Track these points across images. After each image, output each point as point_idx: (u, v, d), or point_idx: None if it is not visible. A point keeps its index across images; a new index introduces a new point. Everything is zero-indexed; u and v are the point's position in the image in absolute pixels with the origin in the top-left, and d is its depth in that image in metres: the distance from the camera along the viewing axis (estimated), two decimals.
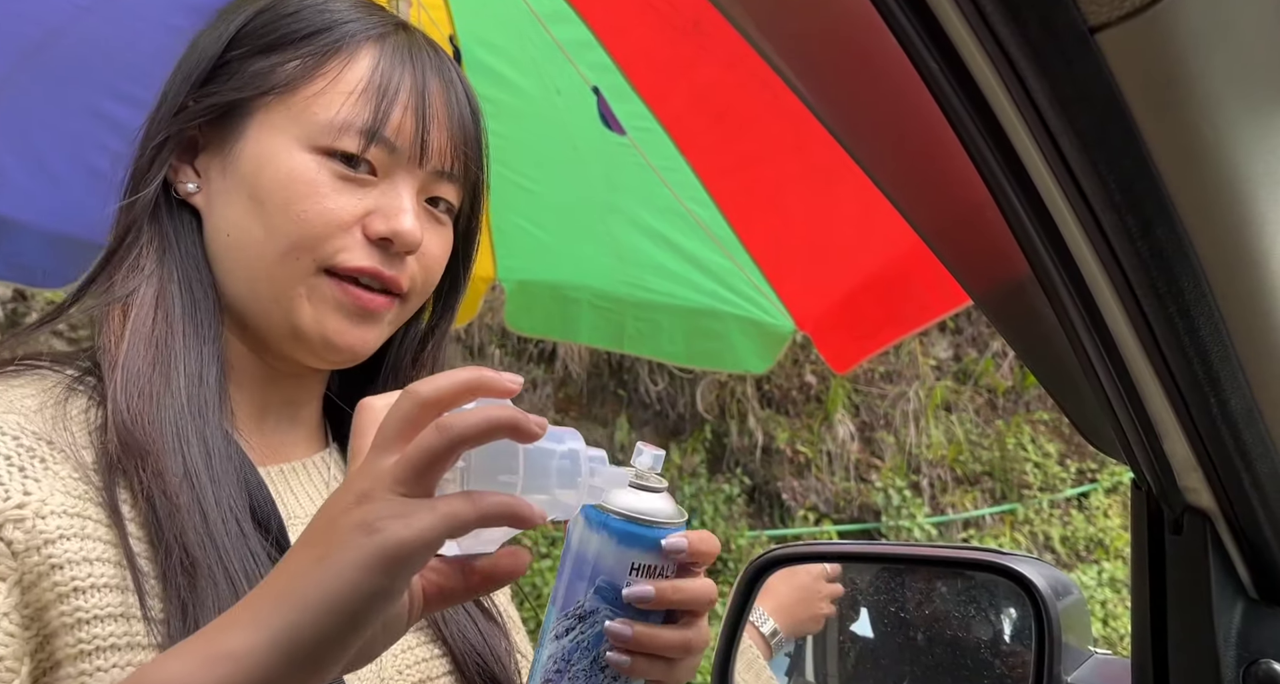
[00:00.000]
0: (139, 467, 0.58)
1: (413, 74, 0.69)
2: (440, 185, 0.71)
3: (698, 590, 0.58)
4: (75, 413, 0.61)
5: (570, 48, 2.09)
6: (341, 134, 0.66)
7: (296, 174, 0.65)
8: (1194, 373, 0.48)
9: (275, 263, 0.66)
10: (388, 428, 0.48)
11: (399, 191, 0.68)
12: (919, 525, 4.95)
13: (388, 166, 0.68)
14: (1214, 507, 0.55)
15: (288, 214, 0.65)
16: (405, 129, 0.67)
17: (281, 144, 0.66)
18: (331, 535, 0.46)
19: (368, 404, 0.59)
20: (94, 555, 0.55)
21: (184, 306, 0.66)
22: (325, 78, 0.67)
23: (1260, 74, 0.40)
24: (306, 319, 0.67)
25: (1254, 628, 0.56)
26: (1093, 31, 0.37)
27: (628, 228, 2.44)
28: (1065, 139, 0.41)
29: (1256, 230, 0.43)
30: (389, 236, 0.67)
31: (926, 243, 0.61)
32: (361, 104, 0.66)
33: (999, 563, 0.76)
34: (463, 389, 0.49)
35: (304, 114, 0.66)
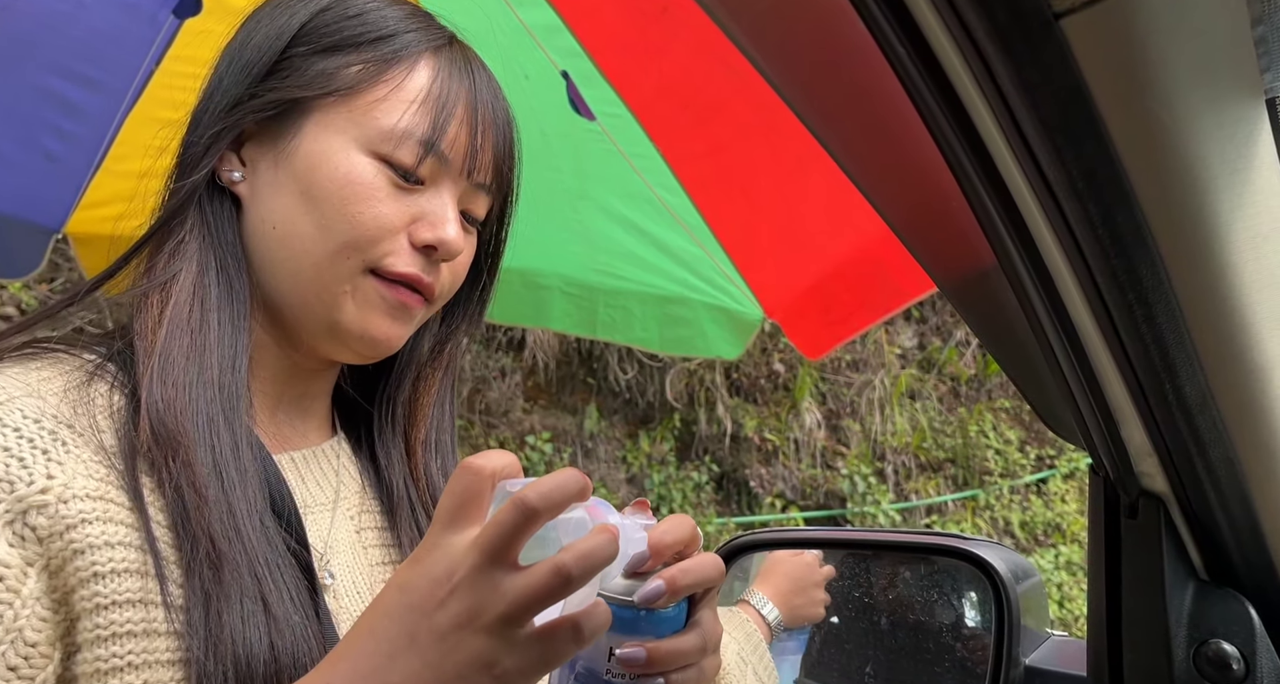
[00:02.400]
0: (169, 457, 0.58)
1: (469, 89, 0.70)
2: (477, 197, 0.73)
3: (700, 571, 0.54)
4: (97, 398, 0.61)
5: (538, 32, 2.07)
6: (401, 142, 0.67)
7: (355, 176, 0.66)
8: (1151, 359, 0.49)
9: (324, 260, 0.66)
10: (498, 540, 0.47)
11: (444, 200, 0.69)
12: (883, 511, 5.03)
13: (436, 175, 0.69)
14: (1168, 491, 0.56)
15: (342, 214, 0.65)
16: (459, 142, 0.69)
17: (340, 144, 0.67)
18: (445, 659, 0.47)
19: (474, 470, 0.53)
20: (116, 539, 0.55)
21: (220, 296, 0.66)
22: (388, 85, 0.68)
23: (1219, 64, 0.41)
24: (350, 316, 0.67)
25: (1204, 609, 0.58)
26: (1057, 17, 0.37)
27: (598, 214, 2.43)
28: (1029, 125, 0.41)
29: (1213, 219, 0.44)
30: (434, 244, 0.68)
31: (894, 231, 0.62)
32: (421, 114, 0.68)
33: (961, 548, 0.77)
34: (567, 499, 0.49)
35: (365, 118, 0.67)
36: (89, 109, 1.78)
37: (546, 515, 0.47)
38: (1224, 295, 0.46)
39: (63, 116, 1.77)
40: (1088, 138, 0.41)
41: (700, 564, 0.55)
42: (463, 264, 0.73)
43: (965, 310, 0.69)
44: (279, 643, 0.56)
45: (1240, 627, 0.56)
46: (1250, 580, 0.58)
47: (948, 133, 0.45)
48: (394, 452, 0.77)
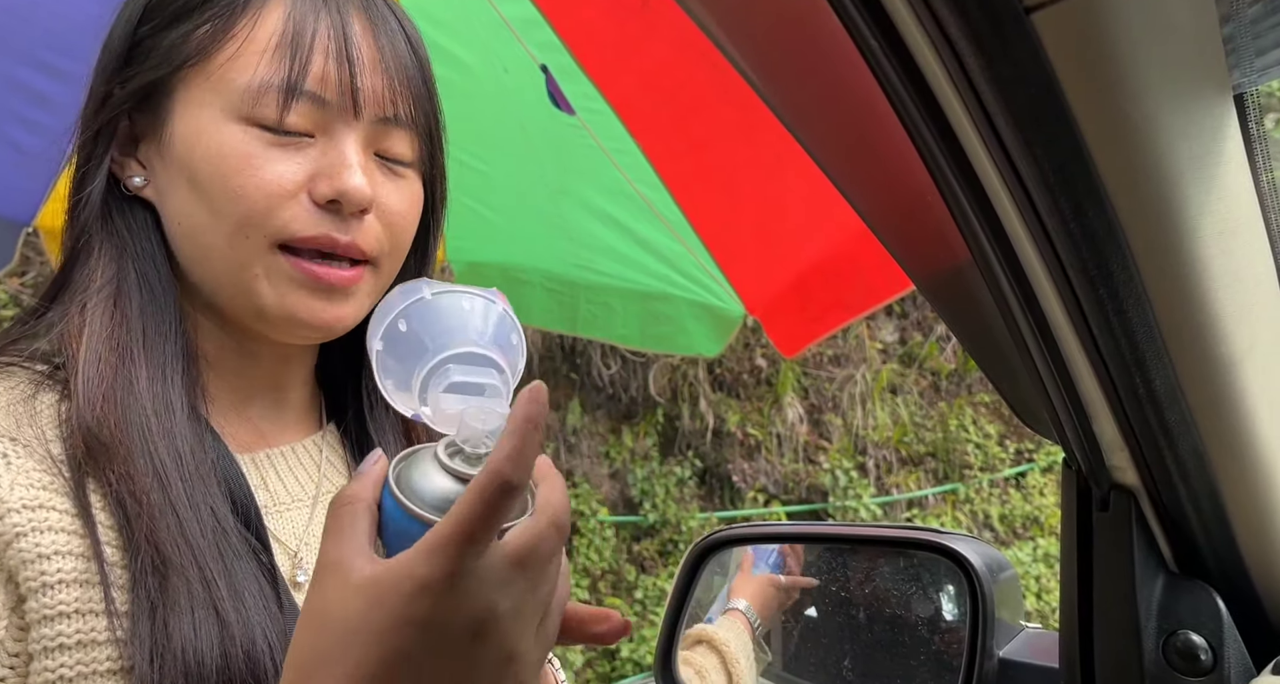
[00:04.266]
0: (106, 469, 0.56)
1: (330, 17, 0.63)
2: (389, 135, 0.65)
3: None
4: (44, 408, 0.59)
5: (517, 25, 2.05)
6: (261, 96, 0.60)
7: (227, 148, 0.60)
8: (1121, 353, 0.49)
9: (226, 245, 0.61)
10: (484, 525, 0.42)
11: (340, 148, 0.62)
12: (865, 505, 5.06)
13: (323, 123, 0.62)
14: (1138, 484, 0.57)
15: (226, 191, 0.60)
16: (330, 78, 0.62)
17: (207, 118, 0.61)
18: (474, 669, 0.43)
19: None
20: (59, 549, 0.53)
21: (142, 305, 0.63)
22: (237, 39, 0.61)
23: (1188, 61, 0.41)
24: (269, 300, 0.62)
25: (1173, 600, 0.58)
26: (1028, 11, 0.37)
27: (579, 210, 2.42)
28: (1001, 119, 0.41)
29: (1182, 214, 0.44)
30: (335, 197, 0.61)
31: (870, 227, 0.62)
32: (277, 60, 0.61)
33: (937, 542, 0.78)
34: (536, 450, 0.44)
35: (222, 82, 0.61)
36: (59, 100, 1.75)
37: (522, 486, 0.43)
38: (1192, 289, 0.47)
39: (32, 107, 1.73)
40: (1059, 133, 0.41)
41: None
42: (397, 212, 0.66)
43: (940, 306, 0.69)
44: (232, 651, 0.54)
45: (1208, 618, 0.57)
46: (1219, 572, 0.58)
47: (922, 127, 0.45)
48: (389, 432, 0.74)
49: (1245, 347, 0.50)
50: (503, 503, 0.42)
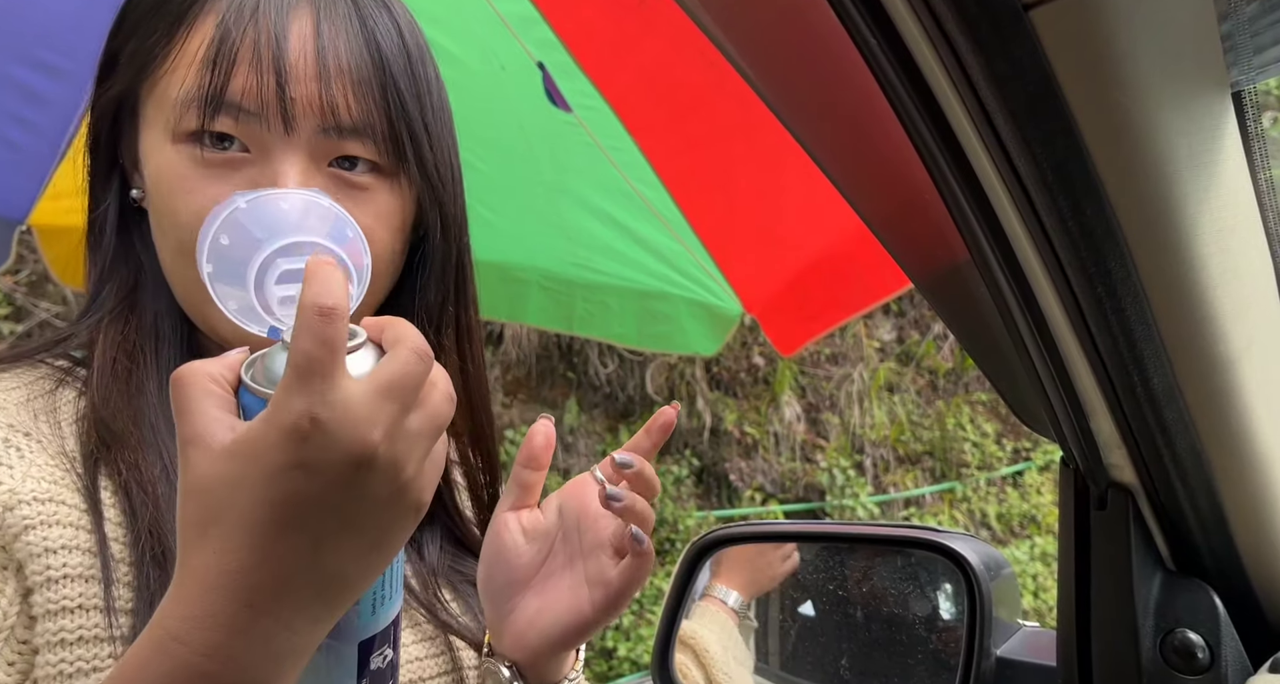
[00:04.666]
0: (117, 458, 0.57)
1: (257, 23, 0.57)
2: (341, 145, 0.59)
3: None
4: (64, 403, 0.60)
5: (515, 23, 2.05)
6: (185, 112, 0.57)
7: (164, 169, 0.58)
8: (1119, 352, 0.49)
9: (175, 270, 0.60)
10: (328, 357, 0.41)
11: (275, 166, 0.58)
12: (862, 504, 5.07)
13: (257, 139, 0.58)
14: (1136, 482, 0.57)
15: (167, 215, 0.59)
16: (252, 89, 0.57)
17: (154, 138, 0.59)
18: (376, 516, 0.43)
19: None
20: (65, 543, 0.54)
21: (154, 313, 0.64)
22: (174, 50, 0.58)
23: (1186, 58, 0.41)
24: (224, 327, 0.59)
25: (1171, 599, 0.58)
26: (1026, 8, 0.37)
27: (576, 208, 2.42)
28: (1000, 117, 0.41)
29: (1180, 212, 0.44)
30: None
31: (868, 226, 0.62)
32: (201, 72, 0.57)
33: (935, 541, 0.78)
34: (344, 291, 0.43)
35: (162, 98, 0.59)
36: (51, 97, 1.75)
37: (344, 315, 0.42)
38: (1191, 288, 0.47)
39: (24, 105, 1.73)
40: (1057, 130, 0.41)
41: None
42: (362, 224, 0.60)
43: (938, 304, 0.69)
44: None
45: (1206, 616, 0.57)
46: (1216, 570, 0.58)
47: (920, 125, 0.45)
48: None
49: (1243, 345, 0.50)
50: (327, 329, 0.41)
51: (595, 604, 0.61)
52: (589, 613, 0.61)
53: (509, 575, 0.63)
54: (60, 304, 3.93)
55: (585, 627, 0.61)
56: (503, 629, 0.63)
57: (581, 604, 0.61)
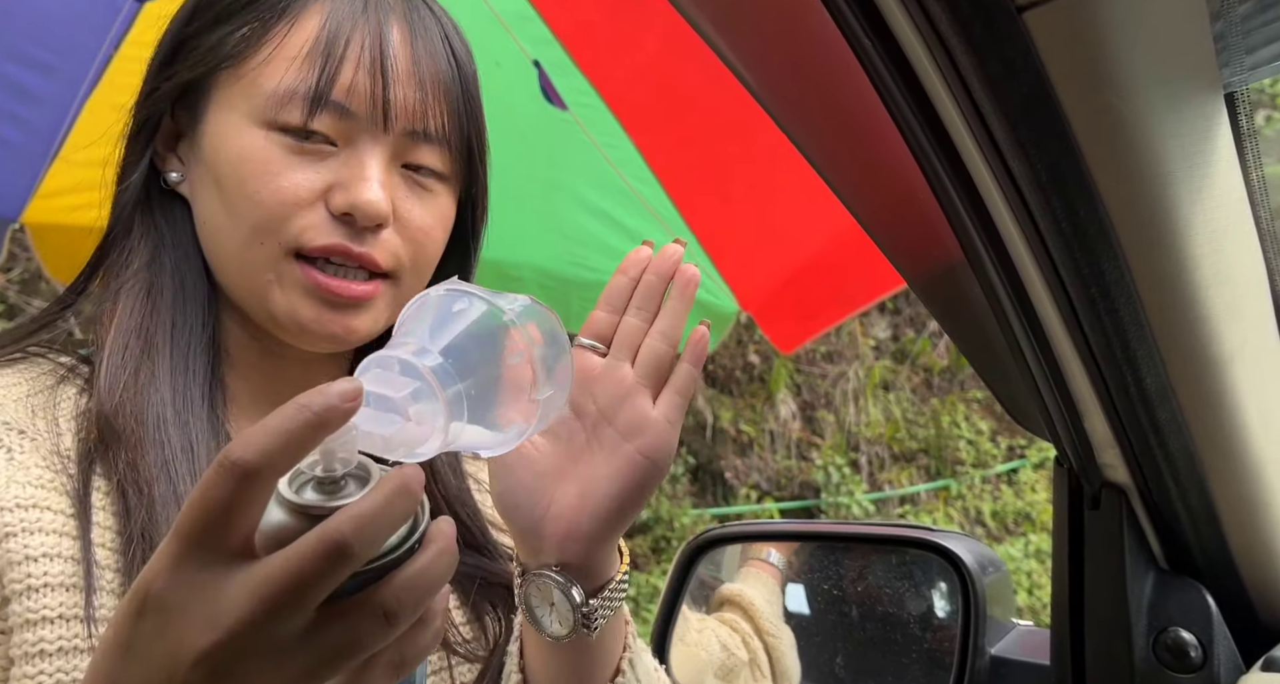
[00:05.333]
0: (116, 456, 0.56)
1: (366, 25, 0.61)
2: (419, 149, 0.63)
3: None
4: (63, 400, 0.60)
5: (510, 20, 2.04)
6: (286, 103, 0.60)
7: (247, 153, 0.60)
8: (1113, 352, 0.49)
9: (242, 249, 0.61)
10: (209, 523, 0.34)
11: (361, 160, 0.61)
12: (857, 502, 5.08)
13: (347, 133, 0.61)
14: (1129, 482, 0.57)
15: (244, 195, 0.60)
16: (359, 89, 0.60)
17: (234, 122, 0.61)
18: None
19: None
20: (47, 551, 0.52)
21: (173, 297, 0.63)
22: (271, 43, 0.61)
23: (1179, 59, 0.41)
24: (280, 306, 0.61)
25: (1164, 598, 0.59)
26: (1020, 10, 0.37)
27: (572, 205, 2.41)
28: (994, 118, 0.41)
29: (1174, 213, 0.44)
30: (349, 209, 0.60)
31: (862, 226, 0.62)
32: (306, 68, 0.60)
33: (929, 540, 0.78)
34: (300, 445, 0.36)
35: (252, 86, 0.61)
36: (45, 95, 1.74)
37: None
38: (1184, 288, 0.47)
39: (18, 103, 1.72)
40: (1051, 131, 0.41)
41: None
42: (420, 227, 0.64)
43: (933, 304, 0.69)
44: None
45: (1198, 615, 0.57)
46: (1208, 569, 0.59)
47: (914, 126, 0.45)
48: None
49: (1236, 345, 0.50)
50: (221, 489, 0.34)
51: (646, 450, 0.56)
52: (641, 463, 0.56)
53: (533, 472, 0.57)
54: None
55: (643, 483, 0.56)
56: (543, 531, 0.57)
57: (627, 462, 0.56)
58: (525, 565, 0.59)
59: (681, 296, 0.62)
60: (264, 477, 0.35)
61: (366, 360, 0.44)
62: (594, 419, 0.59)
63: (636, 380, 0.59)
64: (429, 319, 0.46)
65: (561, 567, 0.57)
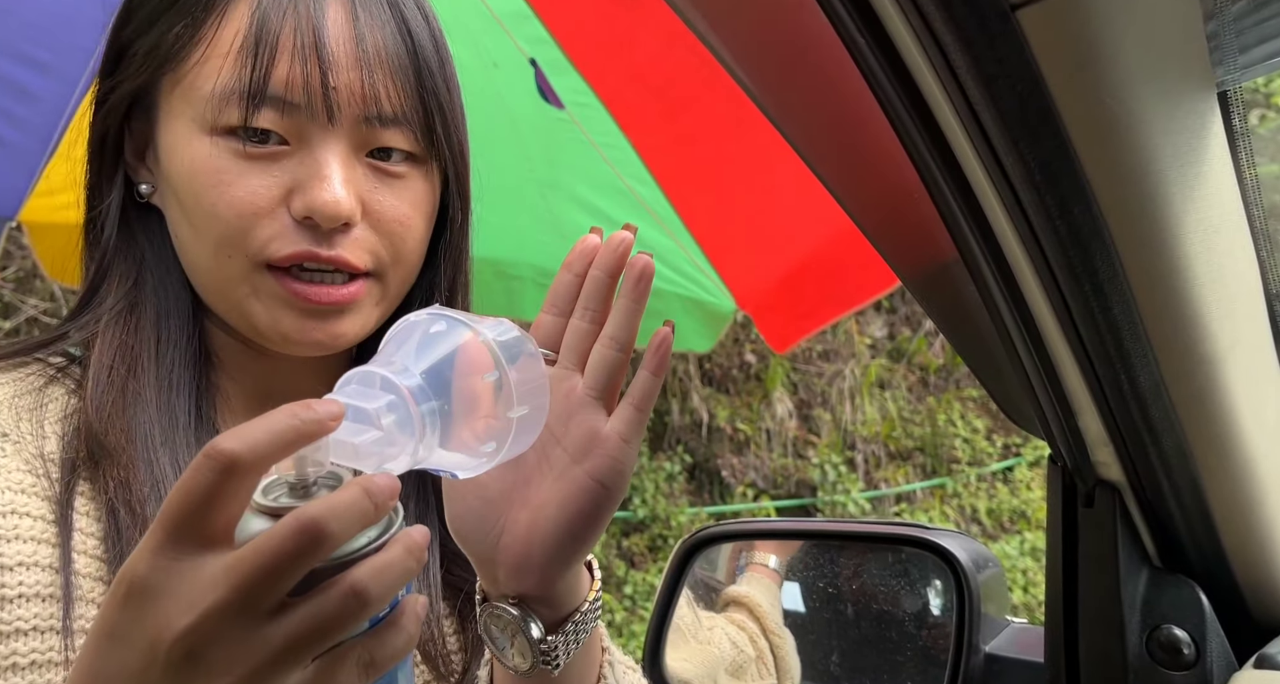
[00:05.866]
0: (106, 474, 0.54)
1: (296, 10, 0.56)
2: (379, 134, 0.58)
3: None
4: (51, 401, 0.58)
5: (506, 19, 2.04)
6: (225, 105, 0.55)
7: (198, 164, 0.56)
8: (1106, 350, 0.49)
9: (211, 264, 0.58)
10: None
11: (316, 157, 0.57)
12: (853, 500, 5.09)
13: (298, 130, 0.57)
14: (1123, 479, 0.57)
15: (201, 210, 0.57)
16: (296, 80, 0.56)
17: (180, 131, 0.58)
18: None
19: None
20: (24, 559, 0.51)
21: (156, 314, 0.61)
22: (204, 42, 0.57)
23: (1172, 57, 0.41)
24: (261, 319, 0.58)
25: (1157, 595, 0.59)
26: (1014, 8, 0.37)
27: (569, 204, 2.41)
28: (987, 116, 0.41)
29: (1166, 211, 0.45)
30: (308, 213, 0.56)
31: (857, 225, 0.62)
32: (239, 63, 0.55)
33: (924, 538, 0.78)
34: (283, 447, 0.37)
35: (191, 90, 0.57)
36: (41, 93, 1.73)
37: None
38: (1177, 286, 0.47)
39: (13, 101, 1.71)
40: (1045, 130, 0.41)
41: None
42: (394, 218, 0.59)
43: (927, 303, 0.69)
44: None
45: (1191, 612, 0.58)
46: (1201, 567, 0.59)
47: (909, 125, 0.45)
48: None
49: (1228, 343, 0.50)
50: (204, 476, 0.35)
51: (596, 473, 0.51)
52: (591, 488, 0.51)
53: (482, 497, 0.53)
54: (48, 300, 3.90)
55: (594, 511, 0.51)
56: (496, 561, 0.53)
57: (576, 487, 0.51)
58: (485, 593, 0.56)
59: (633, 294, 0.53)
60: (246, 469, 0.36)
61: (348, 375, 0.44)
62: (543, 438, 0.52)
63: (586, 393, 0.53)
64: (410, 341, 0.47)
65: (519, 598, 0.53)
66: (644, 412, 0.53)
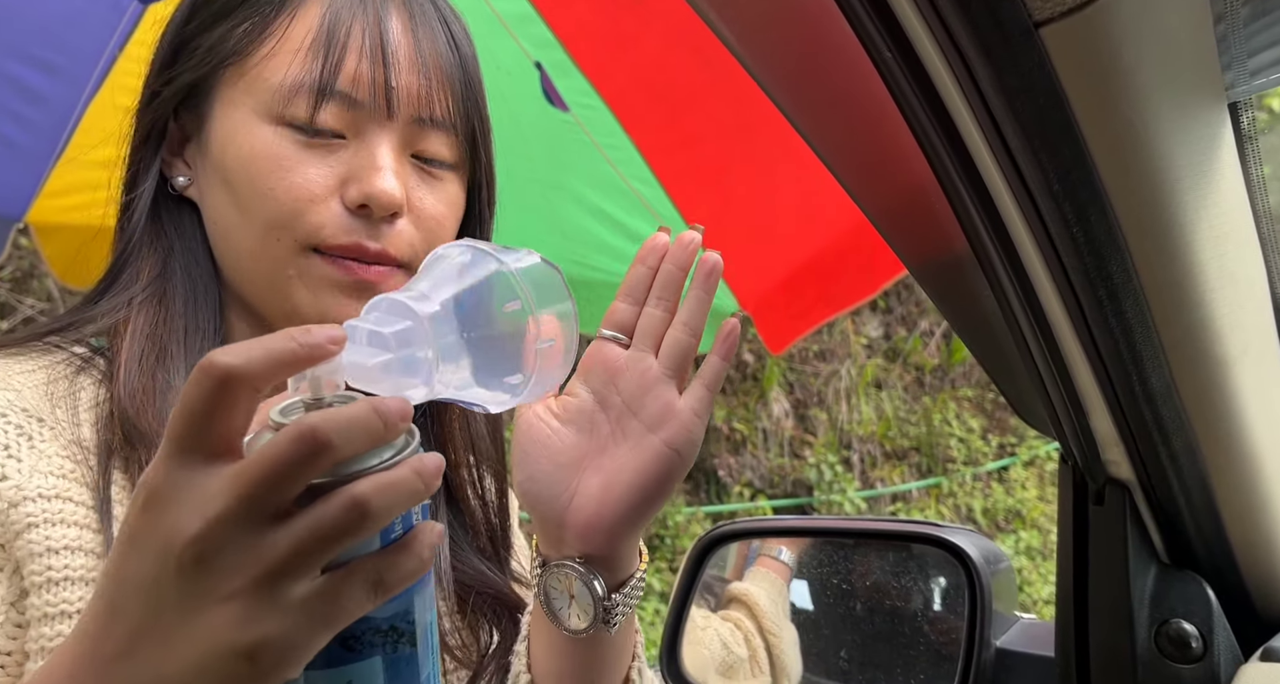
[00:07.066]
0: (142, 457, 0.56)
1: (366, 14, 0.61)
2: (427, 136, 0.63)
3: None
4: (81, 391, 0.59)
5: (511, 21, 2.05)
6: (293, 96, 0.59)
7: (258, 149, 0.60)
8: (1119, 352, 0.51)
9: (257, 247, 0.61)
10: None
11: (372, 150, 0.60)
12: (849, 499, 5.10)
13: (356, 124, 0.61)
14: (1133, 478, 0.59)
15: (255, 193, 0.60)
16: (363, 78, 0.60)
17: (241, 119, 0.61)
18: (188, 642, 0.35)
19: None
20: (69, 543, 0.52)
21: (184, 304, 0.63)
22: (274, 37, 0.60)
23: (1187, 72, 0.43)
24: (304, 302, 0.61)
25: (1165, 590, 0.60)
26: (1037, 26, 0.39)
27: (572, 205, 2.42)
28: (1009, 128, 0.42)
29: (1179, 219, 0.46)
30: (364, 201, 0.60)
31: (872, 223, 0.63)
32: (310, 59, 0.59)
33: (935, 535, 0.80)
34: (280, 366, 0.37)
35: (257, 82, 0.61)
36: (49, 95, 1.73)
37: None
38: (1188, 291, 0.49)
39: (22, 103, 1.72)
40: (1064, 141, 0.42)
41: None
42: (433, 216, 0.63)
43: (941, 302, 0.71)
44: None
45: (1199, 607, 0.59)
46: (1209, 563, 0.60)
47: (930, 133, 0.46)
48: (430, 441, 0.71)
49: (1237, 347, 0.51)
50: (203, 390, 0.36)
51: (671, 441, 0.56)
52: (667, 455, 0.55)
53: (555, 462, 0.57)
54: (45, 300, 3.89)
55: (668, 474, 0.56)
56: (566, 522, 0.57)
57: (653, 453, 0.56)
58: (546, 556, 0.59)
59: (704, 285, 0.60)
60: (240, 382, 0.36)
61: (374, 301, 0.46)
62: (619, 411, 0.58)
63: (661, 372, 0.58)
64: (438, 271, 0.48)
65: (584, 559, 0.57)
66: (713, 390, 0.59)
